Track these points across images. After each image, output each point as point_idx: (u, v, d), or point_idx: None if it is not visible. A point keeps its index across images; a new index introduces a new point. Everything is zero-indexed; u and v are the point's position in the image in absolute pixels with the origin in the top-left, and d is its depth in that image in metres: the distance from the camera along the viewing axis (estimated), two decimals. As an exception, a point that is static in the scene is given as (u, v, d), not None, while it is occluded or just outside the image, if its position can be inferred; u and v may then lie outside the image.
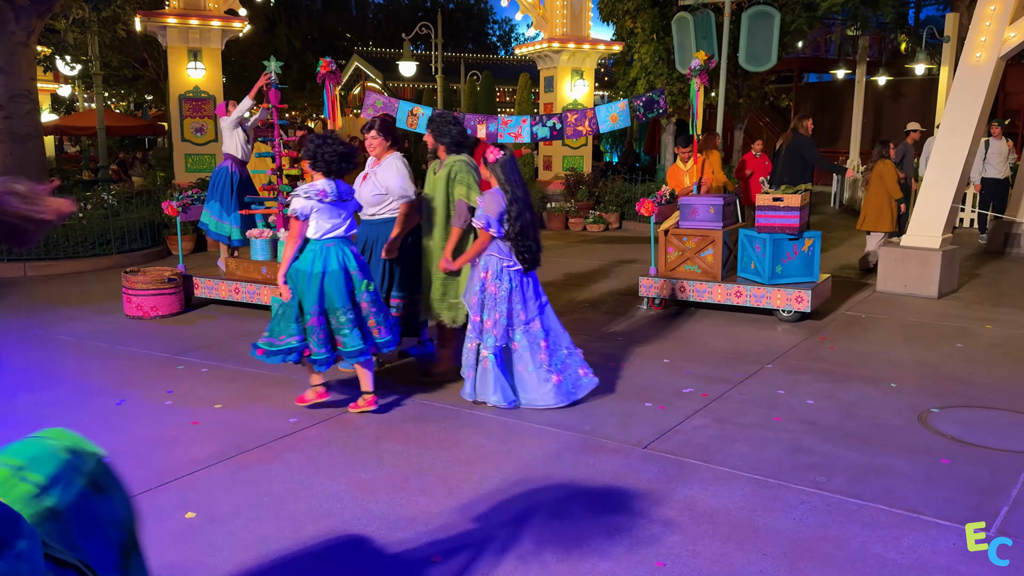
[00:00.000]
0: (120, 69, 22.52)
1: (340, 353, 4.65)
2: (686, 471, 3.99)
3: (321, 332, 4.55)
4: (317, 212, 4.54)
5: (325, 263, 4.52)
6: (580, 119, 8.24)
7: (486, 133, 8.25)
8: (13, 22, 10.77)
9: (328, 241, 4.57)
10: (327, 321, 4.56)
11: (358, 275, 4.61)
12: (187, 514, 3.53)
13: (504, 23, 47.88)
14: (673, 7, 14.89)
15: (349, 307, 4.55)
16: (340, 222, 4.61)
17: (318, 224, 4.57)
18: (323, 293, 4.52)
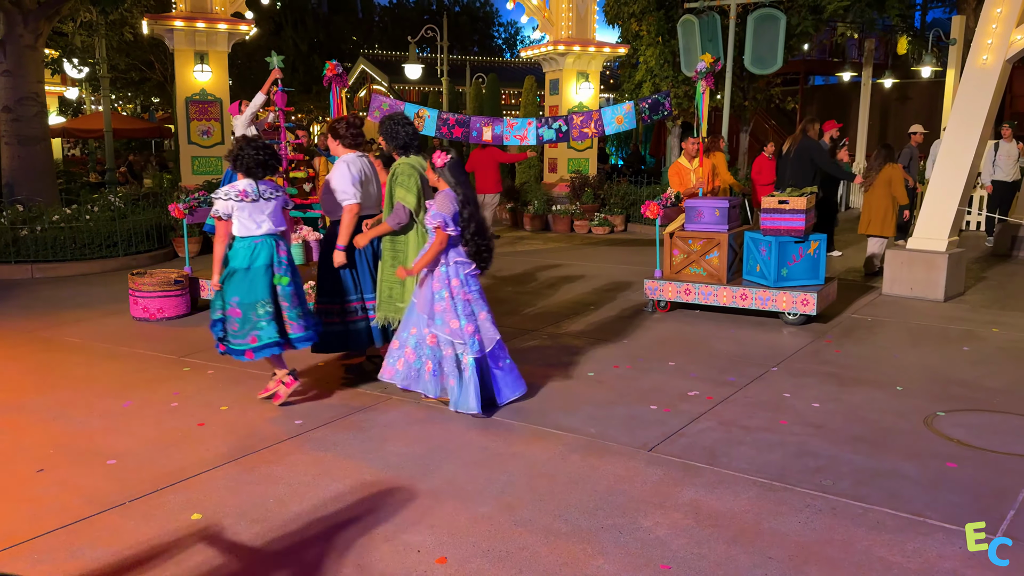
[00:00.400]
0: (127, 72, 22.62)
1: (252, 348, 4.81)
2: (691, 474, 3.99)
3: (235, 323, 4.79)
4: (239, 211, 4.79)
5: (252, 260, 4.77)
6: (586, 121, 8.23)
7: (492, 135, 8.25)
8: (21, 25, 10.84)
9: (256, 238, 4.81)
10: (247, 313, 4.77)
11: (280, 271, 4.83)
12: (193, 515, 3.54)
13: (509, 26, 47.97)
14: (679, 10, 14.90)
15: (268, 301, 4.77)
16: (264, 218, 4.83)
17: (242, 223, 4.80)
18: (248, 287, 4.75)
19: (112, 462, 4.12)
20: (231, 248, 4.83)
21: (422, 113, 8.27)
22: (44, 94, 11.55)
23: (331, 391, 5.27)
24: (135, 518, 3.52)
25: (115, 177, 17.23)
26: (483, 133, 8.25)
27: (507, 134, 8.23)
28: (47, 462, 4.12)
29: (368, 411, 4.90)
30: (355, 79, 29.44)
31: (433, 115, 8.26)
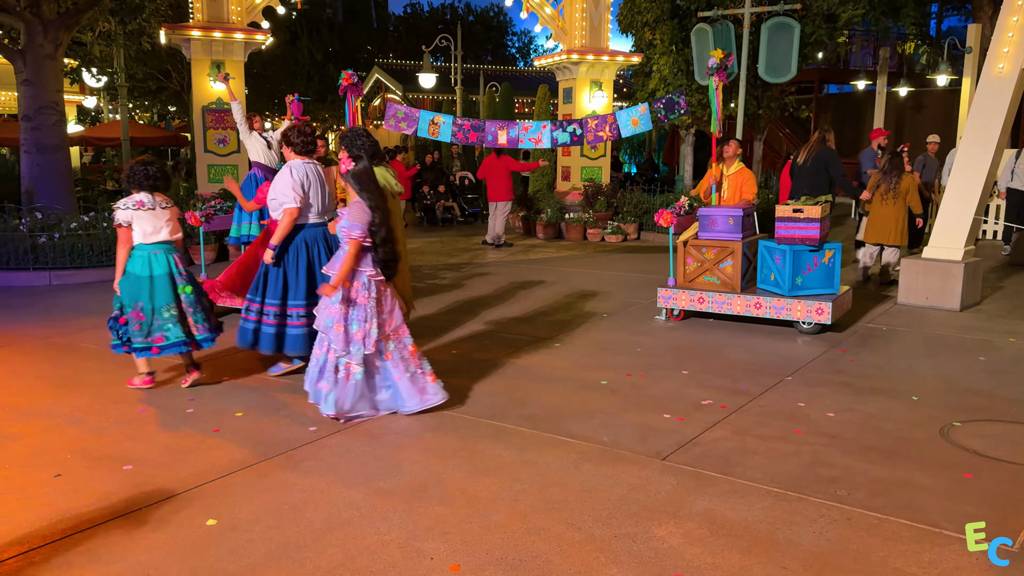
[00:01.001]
0: (144, 81, 22.85)
1: (158, 347, 5.31)
2: (705, 483, 3.97)
3: (136, 325, 5.26)
4: (137, 220, 5.29)
5: (152, 268, 5.29)
6: (601, 124, 8.21)
7: (507, 139, 8.25)
8: (41, 35, 10.99)
9: (155, 247, 5.32)
10: (149, 317, 5.28)
11: (180, 279, 5.37)
12: (208, 521, 3.57)
13: (523, 35, 48.16)
14: (692, 19, 14.90)
15: (173, 305, 5.31)
16: (162, 225, 5.34)
17: (141, 230, 5.30)
18: (152, 293, 5.26)
19: (128, 467, 4.15)
20: (131, 255, 5.32)
21: (437, 120, 8.30)
22: (63, 103, 11.69)
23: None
24: (151, 523, 3.55)
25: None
26: (498, 137, 8.25)
27: (522, 137, 8.23)
28: (64, 467, 4.16)
29: (382, 418, 4.91)
30: (370, 88, 29.61)
31: (448, 121, 8.28)
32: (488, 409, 5.07)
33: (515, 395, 5.37)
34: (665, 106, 7.96)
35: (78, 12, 11.31)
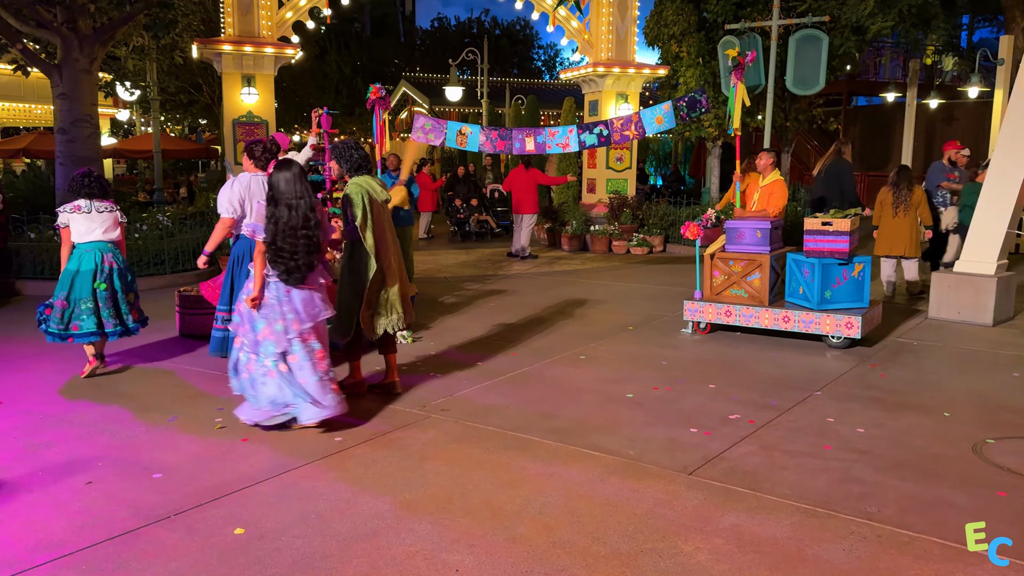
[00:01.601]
0: (176, 94, 23.23)
1: (72, 335, 5.92)
2: (733, 498, 3.94)
3: (59, 313, 5.91)
4: (73, 222, 5.99)
5: (80, 263, 5.98)
6: (626, 124, 8.21)
7: (534, 145, 8.27)
8: (77, 50, 11.22)
9: (87, 246, 6.01)
10: (71, 307, 5.92)
11: (100, 278, 6.00)
12: (236, 530, 3.59)
13: (549, 48, 48.34)
14: (719, 31, 14.87)
15: (89, 299, 5.93)
16: (95, 227, 6.03)
17: (76, 231, 6.01)
18: (73, 286, 5.93)
19: (157, 476, 4.20)
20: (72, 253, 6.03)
21: (465, 131, 8.34)
22: (97, 116, 11.91)
23: (371, 408, 5.31)
24: (179, 531, 3.59)
25: (163, 196, 17.66)
26: (525, 144, 8.27)
27: (549, 143, 8.24)
28: (95, 474, 4.22)
29: (407, 429, 4.93)
30: (397, 101, 29.86)
31: (475, 131, 8.33)
32: (513, 421, 5.06)
33: (540, 407, 5.36)
34: (688, 104, 7.99)
35: (113, 27, 11.54)
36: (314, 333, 4.90)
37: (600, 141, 8.20)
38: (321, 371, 4.86)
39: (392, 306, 5.45)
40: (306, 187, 4.85)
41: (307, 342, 4.86)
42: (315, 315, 4.89)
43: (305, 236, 4.78)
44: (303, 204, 4.79)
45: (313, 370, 4.83)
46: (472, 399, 5.55)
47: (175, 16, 11.87)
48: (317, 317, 4.90)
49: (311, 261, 4.84)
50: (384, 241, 5.37)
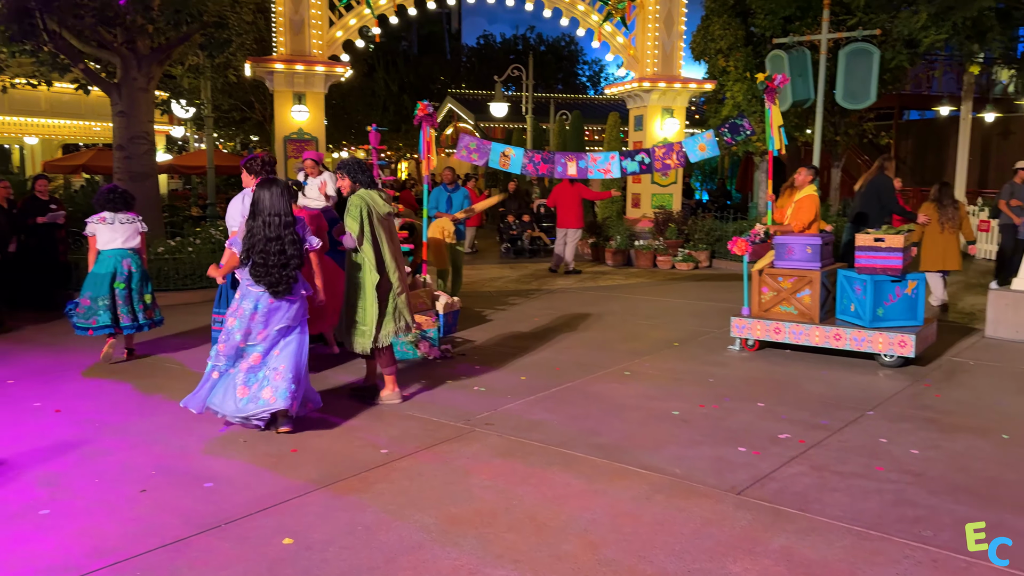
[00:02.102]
0: (229, 112, 23.80)
1: (92, 328, 6.86)
2: (782, 519, 3.86)
3: (83, 310, 6.87)
4: (99, 232, 6.91)
5: (102, 267, 6.91)
6: (668, 152, 8.26)
7: (576, 170, 8.33)
8: (135, 68, 11.59)
9: (109, 252, 6.93)
10: (93, 304, 6.85)
11: (120, 279, 6.91)
12: (285, 540, 3.64)
13: (594, 64, 48.36)
14: (767, 45, 14.75)
15: (107, 296, 6.86)
16: (118, 236, 6.95)
17: (101, 239, 6.93)
18: (95, 286, 6.87)
19: (209, 485, 4.28)
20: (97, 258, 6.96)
21: (508, 152, 8.42)
22: (153, 133, 12.27)
23: (415, 420, 5.35)
24: (230, 540, 3.65)
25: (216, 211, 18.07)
26: (567, 168, 8.35)
27: (591, 168, 8.31)
28: (149, 483, 4.32)
29: (452, 442, 4.95)
30: (442, 117, 30.19)
31: (519, 153, 8.40)
32: (557, 437, 5.05)
33: (585, 423, 5.34)
34: (730, 129, 8.02)
35: (170, 47, 11.90)
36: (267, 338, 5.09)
37: (642, 168, 8.28)
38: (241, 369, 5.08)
39: (401, 314, 5.67)
40: (286, 204, 5.08)
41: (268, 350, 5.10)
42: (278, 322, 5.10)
43: (278, 250, 4.99)
44: (277, 220, 5.01)
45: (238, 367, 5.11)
46: (516, 414, 5.56)
47: (229, 36, 12.19)
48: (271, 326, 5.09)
49: (288, 274, 5.04)
50: (382, 252, 5.58)
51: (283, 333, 5.13)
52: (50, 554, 3.50)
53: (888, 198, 8.73)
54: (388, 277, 5.59)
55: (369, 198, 5.58)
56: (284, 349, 5.11)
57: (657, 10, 14.28)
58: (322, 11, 12.69)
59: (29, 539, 3.64)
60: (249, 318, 5.05)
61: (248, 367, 5.07)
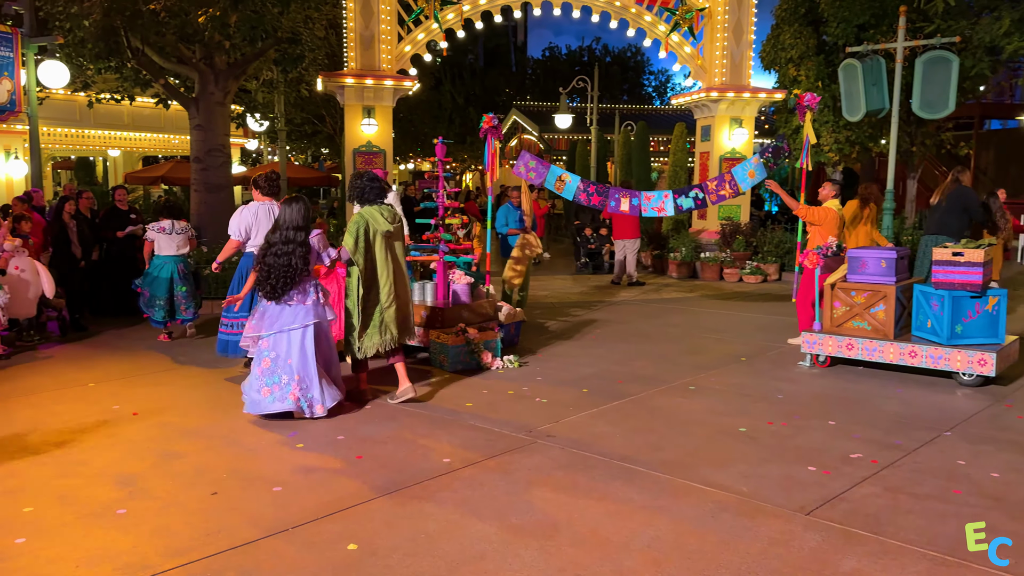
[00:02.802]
0: (301, 125, 24.40)
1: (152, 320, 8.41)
2: (853, 542, 3.74)
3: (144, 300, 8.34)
4: (157, 239, 8.21)
5: (160, 271, 8.22)
6: (720, 184, 8.37)
7: (629, 207, 8.43)
8: (212, 83, 12.02)
9: (166, 258, 8.27)
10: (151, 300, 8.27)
11: (178, 281, 8.31)
12: (350, 545, 3.70)
13: (660, 74, 48.04)
14: (840, 54, 14.41)
15: (164, 297, 8.24)
16: (173, 244, 8.28)
17: (158, 245, 8.23)
18: (154, 286, 8.21)
19: (277, 489, 4.38)
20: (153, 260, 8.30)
21: (564, 178, 8.46)
22: (229, 146, 12.69)
23: (477, 431, 5.37)
24: (296, 544, 3.72)
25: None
26: (620, 204, 8.48)
27: (645, 206, 8.40)
28: (221, 486, 4.44)
29: (513, 453, 4.95)
30: (507, 129, 30.38)
31: (575, 181, 8.43)
32: (620, 451, 5.00)
33: (648, 438, 5.27)
34: (773, 153, 8.20)
35: (246, 62, 12.30)
36: (271, 341, 5.64)
37: (697, 204, 8.37)
38: (257, 374, 5.63)
39: (387, 327, 5.92)
40: (304, 219, 5.70)
41: (261, 348, 5.68)
42: (273, 327, 5.64)
43: (285, 260, 5.56)
44: (289, 233, 5.63)
45: (254, 372, 5.67)
46: (578, 426, 5.53)
47: (302, 51, 12.55)
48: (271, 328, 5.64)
49: (287, 284, 5.59)
50: (376, 266, 5.89)
51: (293, 337, 5.61)
52: (127, 552, 3.63)
53: (975, 210, 8.48)
54: (378, 291, 5.90)
55: (369, 216, 5.93)
56: (296, 354, 5.59)
57: (726, 20, 14.11)
58: (391, 26, 12.94)
59: (107, 538, 3.79)
60: (260, 317, 5.76)
61: (262, 371, 5.59)
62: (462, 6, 13.16)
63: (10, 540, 3.75)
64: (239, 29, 10.90)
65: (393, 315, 5.94)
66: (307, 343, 5.60)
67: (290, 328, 5.60)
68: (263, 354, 5.65)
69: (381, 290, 5.90)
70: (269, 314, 5.69)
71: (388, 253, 5.92)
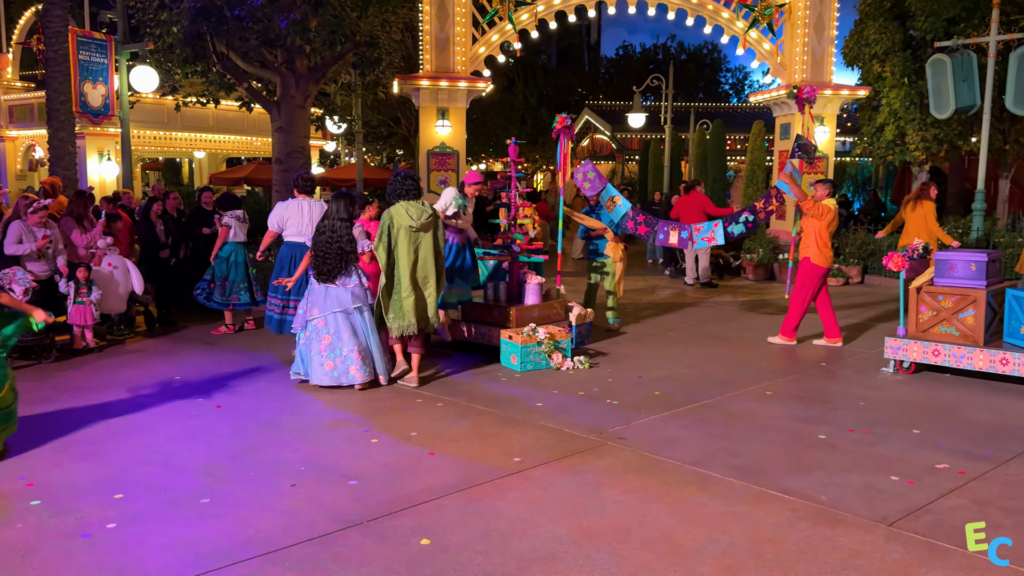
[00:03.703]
0: (377, 127, 24.91)
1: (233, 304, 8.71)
2: (939, 555, 3.60)
3: (220, 290, 8.64)
4: (233, 226, 8.70)
5: (235, 256, 8.71)
6: (767, 200, 8.35)
7: (678, 239, 8.38)
8: (294, 87, 12.35)
9: (237, 244, 8.75)
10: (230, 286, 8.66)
11: (251, 265, 8.82)
12: (422, 540, 3.75)
13: (738, 71, 47.12)
14: (927, 49, 13.87)
15: (244, 279, 8.74)
16: (240, 232, 8.77)
17: (233, 232, 8.72)
18: (231, 271, 8.64)
19: (353, 483, 4.48)
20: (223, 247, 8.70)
21: (616, 200, 8.39)
22: (309, 148, 13.01)
23: (548, 431, 5.37)
24: (371, 537, 3.80)
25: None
26: (669, 236, 8.47)
27: (695, 238, 8.33)
28: (299, 478, 4.56)
29: (584, 455, 4.93)
30: (579, 129, 30.29)
31: (625, 206, 8.34)
32: (694, 455, 4.93)
33: (723, 443, 5.18)
34: (802, 150, 8.07)
35: (325, 66, 12.60)
36: (326, 320, 6.34)
37: (747, 228, 8.27)
38: (319, 350, 6.34)
39: (405, 313, 6.44)
40: (348, 212, 6.47)
41: (319, 327, 6.36)
42: (328, 307, 6.35)
43: (337, 246, 6.34)
44: (337, 224, 6.39)
45: (316, 349, 6.36)
46: (650, 429, 5.47)
47: (380, 54, 12.76)
48: (326, 309, 6.35)
49: (339, 266, 6.35)
50: (396, 259, 6.43)
51: (346, 317, 6.34)
52: (210, 541, 3.77)
53: None
54: (396, 281, 6.46)
55: (395, 212, 6.46)
56: (352, 331, 6.33)
57: (807, 15, 13.74)
58: (466, 28, 13.07)
59: (192, 526, 3.94)
60: (314, 299, 6.42)
61: (326, 347, 6.31)
62: (536, 6, 13.18)
63: (102, 525, 3.94)
64: (319, 33, 11.17)
65: (412, 304, 6.44)
66: (357, 321, 6.39)
67: (343, 309, 6.35)
68: (322, 332, 6.36)
69: (400, 280, 6.44)
70: (324, 296, 6.38)
71: (411, 247, 6.43)
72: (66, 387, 6.57)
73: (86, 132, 17.08)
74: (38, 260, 7.58)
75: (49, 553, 3.65)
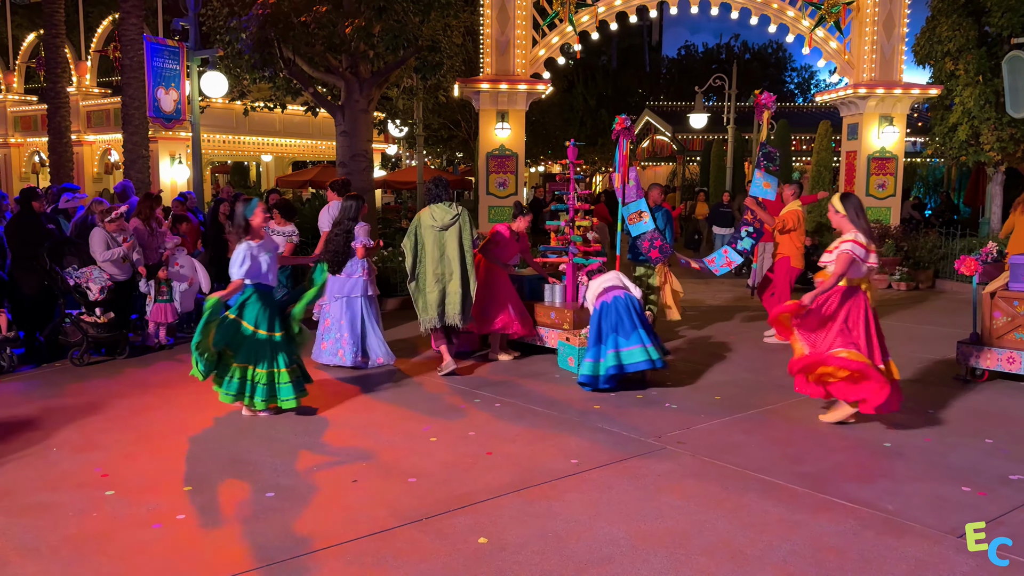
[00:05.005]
0: (438, 130, 25.14)
1: None
2: (1012, 571, 3.46)
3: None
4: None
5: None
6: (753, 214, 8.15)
7: (701, 267, 8.26)
8: (357, 92, 12.56)
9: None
10: None
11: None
12: (480, 539, 3.79)
13: (803, 70, 46.12)
14: (1004, 46, 13.36)
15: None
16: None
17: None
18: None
19: (412, 480, 4.54)
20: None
21: (643, 215, 8.27)
22: (372, 151, 13.22)
23: (606, 433, 5.36)
24: (430, 534, 3.85)
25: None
26: (691, 263, 8.37)
27: (715, 267, 8.20)
28: (360, 474, 4.65)
29: (642, 458, 4.90)
30: (639, 130, 30.06)
31: (649, 225, 8.21)
32: (755, 461, 4.85)
33: (786, 449, 5.09)
34: (766, 158, 7.95)
35: (388, 71, 12.78)
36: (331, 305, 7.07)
37: (754, 238, 8.14)
38: (320, 331, 7.14)
39: (428, 307, 6.86)
40: (357, 211, 6.99)
41: (324, 311, 7.16)
42: (333, 294, 7.01)
43: (344, 239, 6.91)
44: (346, 222, 6.98)
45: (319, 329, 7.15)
46: (710, 434, 5.41)
47: (441, 58, 12.89)
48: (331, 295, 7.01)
49: (343, 258, 6.91)
50: (422, 259, 6.87)
51: (345, 304, 7.00)
52: (274, 534, 3.88)
53: None
54: (421, 277, 6.88)
55: (422, 215, 6.95)
56: (349, 317, 7.00)
57: (876, 12, 13.37)
58: (526, 31, 13.10)
59: (256, 519, 4.05)
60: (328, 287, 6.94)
61: (324, 328, 7.09)
62: (597, 8, 13.14)
63: (172, 516, 4.09)
64: (382, 39, 11.34)
65: (435, 299, 6.86)
66: (356, 308, 7.03)
67: (343, 296, 7.02)
68: (324, 315, 7.18)
69: (424, 278, 6.88)
70: (332, 284, 6.93)
71: (437, 245, 6.86)
72: (138, 382, 6.83)
73: (159, 136, 17.71)
74: (122, 263, 7.87)
75: (123, 541, 3.80)
